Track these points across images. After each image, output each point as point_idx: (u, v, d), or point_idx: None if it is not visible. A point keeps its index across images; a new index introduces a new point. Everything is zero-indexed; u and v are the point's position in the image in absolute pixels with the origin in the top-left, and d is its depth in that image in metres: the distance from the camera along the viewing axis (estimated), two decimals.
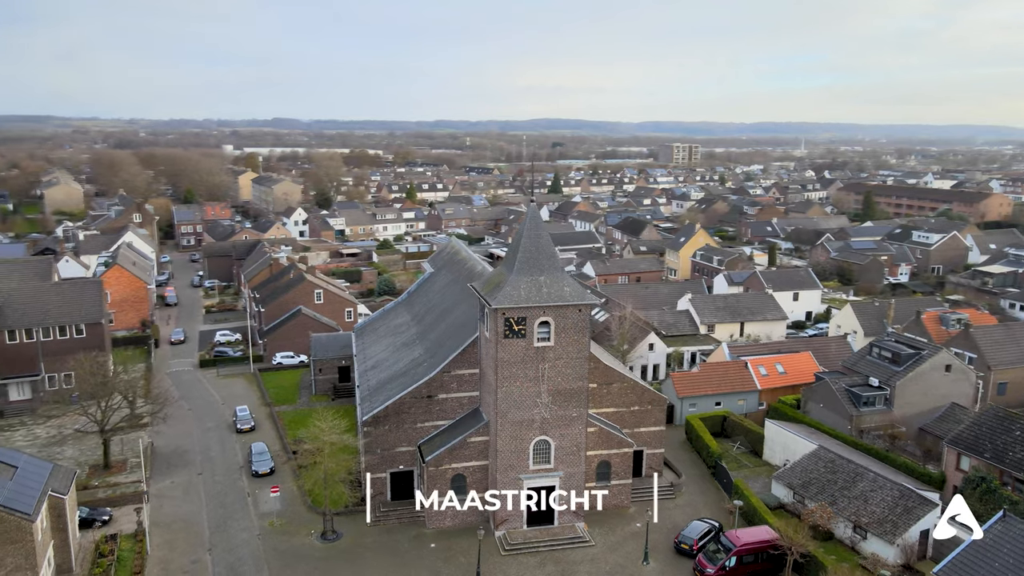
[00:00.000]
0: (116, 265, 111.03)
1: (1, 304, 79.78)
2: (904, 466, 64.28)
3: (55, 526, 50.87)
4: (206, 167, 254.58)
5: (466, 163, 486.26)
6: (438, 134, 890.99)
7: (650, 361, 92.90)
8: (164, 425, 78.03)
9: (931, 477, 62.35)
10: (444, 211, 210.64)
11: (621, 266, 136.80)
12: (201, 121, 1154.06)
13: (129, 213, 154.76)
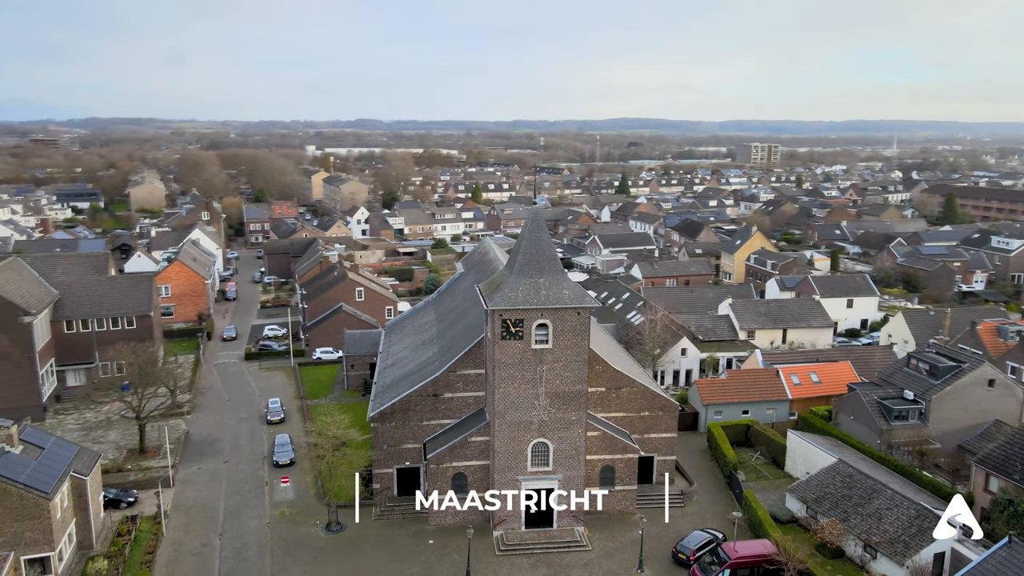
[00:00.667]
0: (177, 261, 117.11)
1: (62, 296, 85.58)
2: (930, 485, 61.23)
3: (77, 505, 54.46)
4: (279, 167, 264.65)
5: (538, 163, 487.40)
6: (514, 134, 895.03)
7: (682, 366, 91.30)
8: (202, 414, 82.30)
9: None
10: (503, 211, 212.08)
11: (670, 269, 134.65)
12: (289, 123, 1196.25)
13: (198, 211, 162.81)
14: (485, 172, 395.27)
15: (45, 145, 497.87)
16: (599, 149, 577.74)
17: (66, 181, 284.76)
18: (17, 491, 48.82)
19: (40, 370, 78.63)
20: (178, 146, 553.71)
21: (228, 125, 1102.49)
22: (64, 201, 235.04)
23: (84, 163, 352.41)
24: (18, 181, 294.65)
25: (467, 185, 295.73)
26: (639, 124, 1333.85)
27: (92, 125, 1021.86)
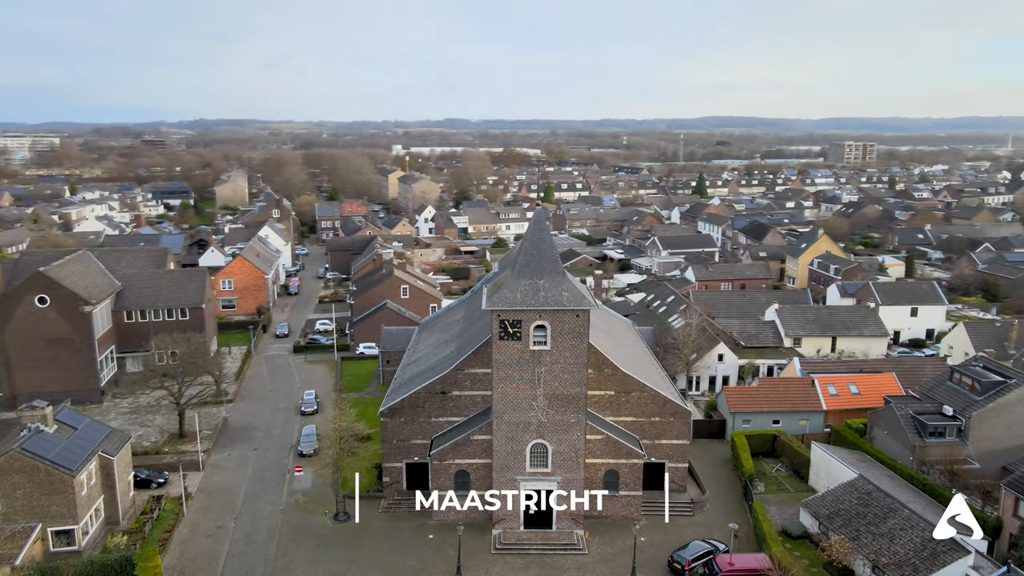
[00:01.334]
0: (240, 256, 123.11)
1: (123, 288, 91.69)
2: None
3: (104, 483, 58.53)
4: (355, 166, 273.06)
5: (618, 163, 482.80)
6: (599, 133, 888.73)
7: (719, 372, 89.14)
8: (243, 403, 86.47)
9: (984, 521, 55.53)
10: (569, 211, 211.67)
11: (725, 272, 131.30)
12: (380, 123, 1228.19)
13: (269, 208, 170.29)
14: (562, 172, 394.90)
15: (153, 146, 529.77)
16: (683, 148, 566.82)
17: (164, 179, 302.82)
18: (45, 467, 53.00)
19: (99, 356, 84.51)
20: (273, 146, 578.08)
21: (322, 126, 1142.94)
22: (158, 198, 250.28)
23: (182, 162, 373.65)
24: (123, 179, 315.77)
25: (540, 184, 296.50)
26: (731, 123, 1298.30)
27: (199, 126, 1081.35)
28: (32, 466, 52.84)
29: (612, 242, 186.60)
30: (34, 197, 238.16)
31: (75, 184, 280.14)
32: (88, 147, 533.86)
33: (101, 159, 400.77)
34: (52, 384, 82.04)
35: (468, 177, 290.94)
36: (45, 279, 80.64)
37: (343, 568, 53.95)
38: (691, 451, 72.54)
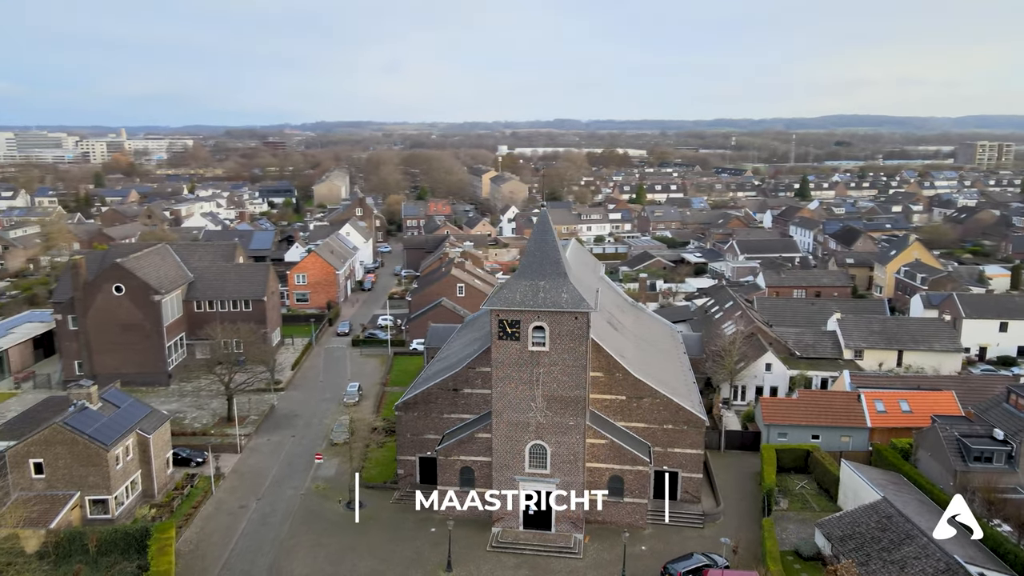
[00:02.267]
0: (313, 252, 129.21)
1: (195, 279, 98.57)
2: (990, 539, 53.24)
3: (141, 458, 63.48)
4: (447, 166, 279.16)
5: (724, 164, 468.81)
6: (710, 134, 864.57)
7: (766, 382, 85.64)
8: (294, 391, 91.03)
9: (1016, 557, 51.03)
10: (653, 213, 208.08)
11: (799, 279, 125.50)
12: (490, 123, 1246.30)
13: (353, 207, 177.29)
14: (661, 173, 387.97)
15: (273, 147, 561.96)
16: (794, 149, 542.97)
17: (274, 179, 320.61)
18: (83, 441, 58.17)
19: (167, 342, 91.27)
20: (384, 147, 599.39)
21: (434, 127, 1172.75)
22: (264, 196, 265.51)
23: (294, 162, 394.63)
24: (238, 178, 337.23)
25: (633, 186, 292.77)
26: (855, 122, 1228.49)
27: (320, 128, 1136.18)
28: (72, 439, 58.13)
29: (695, 245, 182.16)
30: (156, 195, 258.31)
31: (195, 183, 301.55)
32: (217, 148, 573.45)
33: (224, 160, 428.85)
34: (126, 366, 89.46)
35: (560, 178, 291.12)
36: (121, 270, 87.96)
37: (342, 553, 56.13)
38: (720, 462, 70.84)
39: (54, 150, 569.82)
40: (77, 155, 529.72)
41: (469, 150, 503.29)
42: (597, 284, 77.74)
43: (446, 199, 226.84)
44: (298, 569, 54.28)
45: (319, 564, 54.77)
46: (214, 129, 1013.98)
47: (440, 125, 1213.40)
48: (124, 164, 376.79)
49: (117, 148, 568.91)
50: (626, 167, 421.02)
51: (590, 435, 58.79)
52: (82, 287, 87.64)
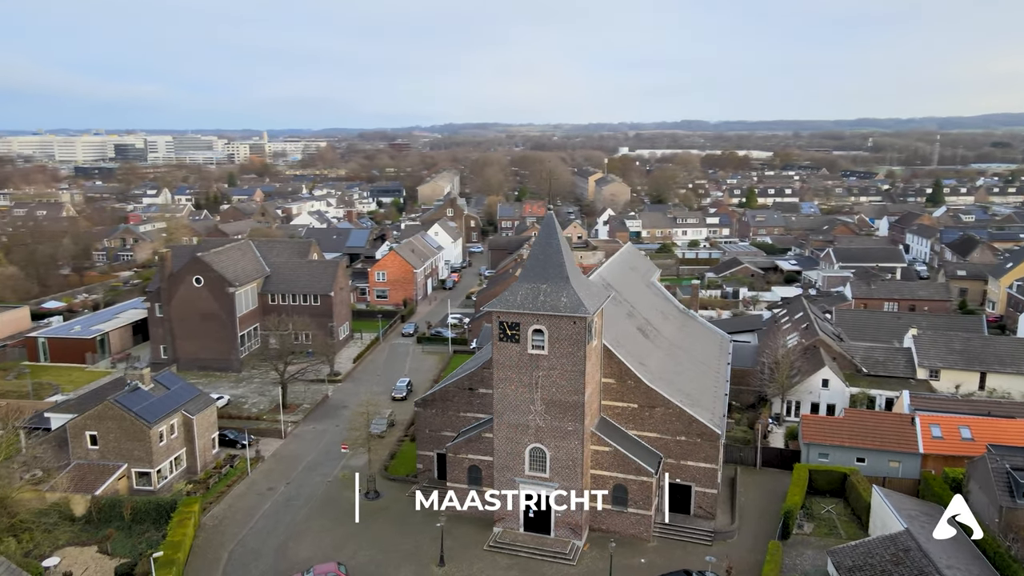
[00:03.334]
0: (392, 251, 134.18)
1: (271, 274, 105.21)
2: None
3: (186, 437, 68.87)
4: (550, 168, 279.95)
5: (860, 166, 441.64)
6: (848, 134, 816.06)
7: (822, 399, 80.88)
8: (351, 383, 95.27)
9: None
10: (754, 218, 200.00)
11: (891, 290, 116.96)
12: (616, 124, 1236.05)
13: (445, 207, 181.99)
14: (782, 176, 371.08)
15: (398, 149, 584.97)
16: (938, 150, 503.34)
17: (389, 179, 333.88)
18: (130, 417, 63.98)
19: (240, 332, 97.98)
20: (505, 148, 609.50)
21: (558, 128, 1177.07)
22: (374, 196, 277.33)
23: (411, 163, 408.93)
24: (357, 178, 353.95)
25: (743, 189, 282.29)
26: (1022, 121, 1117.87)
27: (447, 130, 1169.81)
28: (121, 415, 64.07)
29: (794, 252, 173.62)
30: (278, 194, 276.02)
31: (315, 183, 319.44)
32: (349, 150, 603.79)
33: (348, 161, 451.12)
34: (203, 352, 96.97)
35: (669, 180, 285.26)
36: (201, 263, 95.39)
37: (347, 540, 58.59)
38: (752, 479, 67.96)
39: (205, 152, 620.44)
40: (223, 157, 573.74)
41: (586, 151, 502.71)
42: (635, 288, 76.52)
43: (541, 201, 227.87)
44: (302, 552, 57.19)
45: (322, 549, 57.45)
46: (349, 132, 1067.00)
47: (565, 127, 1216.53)
48: (258, 165, 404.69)
49: (258, 150, 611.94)
50: (744, 170, 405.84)
51: (594, 442, 58.17)
52: (167, 278, 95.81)
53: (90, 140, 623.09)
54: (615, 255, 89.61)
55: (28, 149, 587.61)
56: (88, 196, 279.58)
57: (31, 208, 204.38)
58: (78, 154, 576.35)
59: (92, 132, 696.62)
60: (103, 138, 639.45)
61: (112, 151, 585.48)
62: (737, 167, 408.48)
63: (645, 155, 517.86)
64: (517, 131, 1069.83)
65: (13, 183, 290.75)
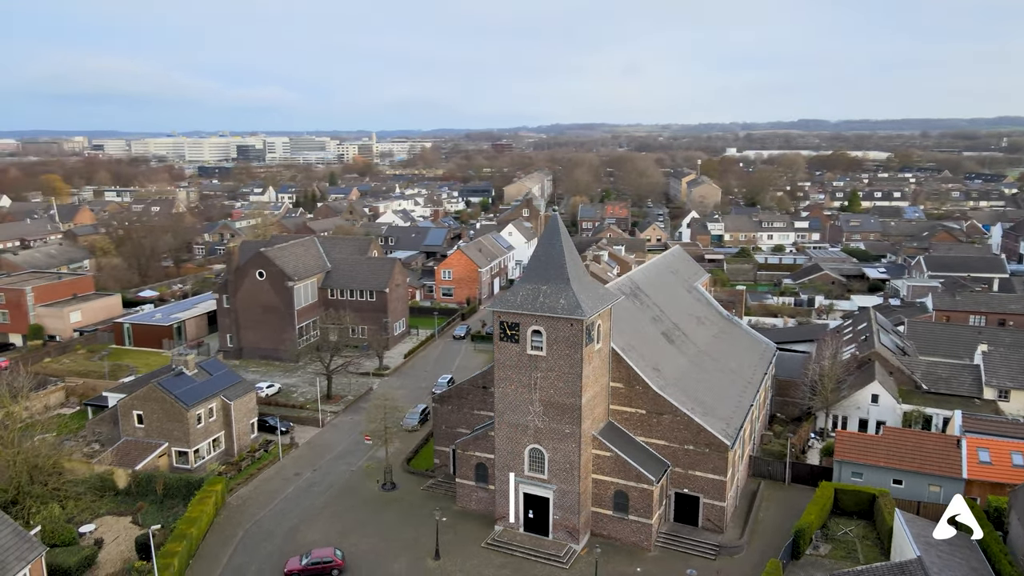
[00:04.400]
0: (459, 250, 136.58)
1: (332, 269, 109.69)
2: None
3: (224, 421, 73.15)
4: (640, 169, 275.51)
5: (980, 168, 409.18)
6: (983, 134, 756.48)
7: (871, 415, 76.19)
8: (397, 378, 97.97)
9: None
10: (848, 223, 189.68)
11: (978, 303, 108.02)
12: (727, 124, 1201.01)
13: (520, 208, 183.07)
14: (897, 178, 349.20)
15: (500, 149, 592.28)
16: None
17: (482, 179, 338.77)
18: (170, 400, 68.71)
19: (298, 324, 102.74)
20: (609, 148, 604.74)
21: (667, 128, 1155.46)
22: (463, 196, 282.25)
23: (509, 163, 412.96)
24: (451, 178, 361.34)
25: (846, 192, 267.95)
26: None
27: (553, 131, 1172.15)
28: (162, 397, 68.91)
29: (885, 261, 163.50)
30: (373, 192, 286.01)
31: (410, 182, 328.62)
32: (453, 150, 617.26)
33: (447, 161, 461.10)
34: (264, 342, 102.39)
35: (764, 182, 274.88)
36: (263, 258, 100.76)
37: (353, 528, 60.63)
38: (778, 495, 65.23)
39: (318, 152, 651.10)
40: (334, 157, 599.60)
41: (688, 152, 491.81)
42: (669, 292, 74.81)
43: (623, 202, 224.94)
44: (311, 535, 59.64)
45: (329, 534, 59.69)
46: (457, 132, 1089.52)
47: (673, 127, 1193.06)
48: (360, 164, 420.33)
49: (366, 151, 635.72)
50: (855, 171, 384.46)
51: (595, 446, 57.51)
52: (234, 271, 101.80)
53: (216, 142, 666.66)
54: (656, 258, 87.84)
55: (163, 150, 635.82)
56: (203, 194, 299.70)
57: (147, 204, 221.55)
58: (205, 154, 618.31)
59: (218, 134, 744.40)
60: (227, 139, 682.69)
61: (235, 152, 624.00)
62: (847, 168, 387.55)
63: (751, 156, 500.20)
64: (623, 131, 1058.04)
65: (138, 181, 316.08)
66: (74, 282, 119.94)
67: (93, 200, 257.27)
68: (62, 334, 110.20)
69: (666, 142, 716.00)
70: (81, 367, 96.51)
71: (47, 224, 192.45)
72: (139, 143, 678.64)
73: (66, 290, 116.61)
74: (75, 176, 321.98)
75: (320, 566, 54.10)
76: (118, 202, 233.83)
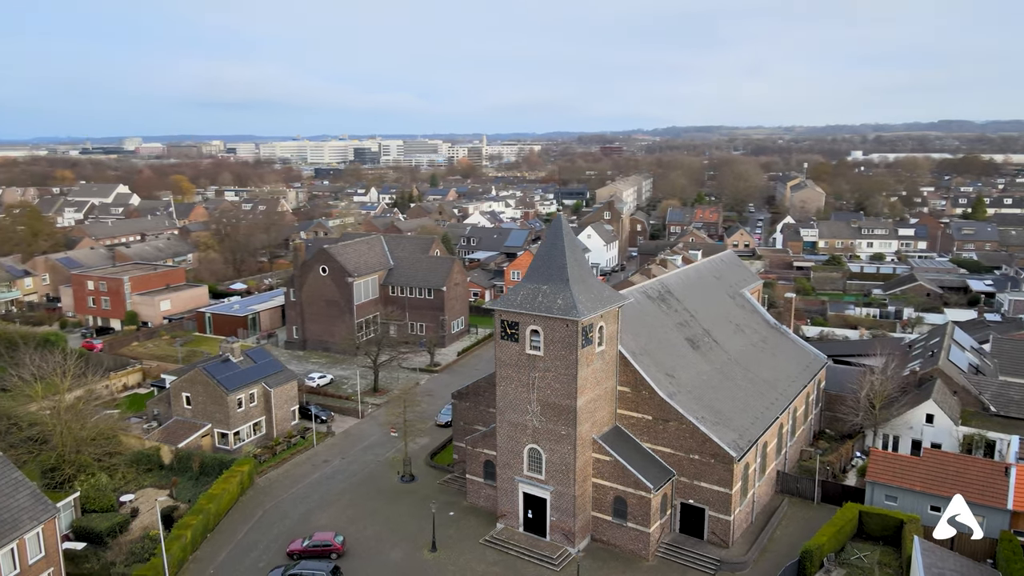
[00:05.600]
0: (527, 251, 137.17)
1: (394, 267, 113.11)
2: None
3: (264, 407, 77.19)
4: (739, 172, 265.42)
5: None
6: None
7: (925, 437, 70.59)
8: (447, 375, 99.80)
9: None
10: (960, 230, 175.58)
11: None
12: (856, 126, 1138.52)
13: (602, 211, 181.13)
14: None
15: (608, 152, 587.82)
16: None
17: (580, 182, 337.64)
18: (212, 383, 73.30)
19: (358, 319, 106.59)
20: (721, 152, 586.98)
21: (789, 131, 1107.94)
22: (558, 198, 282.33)
23: (613, 166, 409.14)
24: (551, 181, 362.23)
25: (970, 198, 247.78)
26: None
27: (669, 133, 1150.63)
28: (205, 381, 73.62)
29: (998, 273, 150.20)
30: (470, 194, 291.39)
31: (507, 184, 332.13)
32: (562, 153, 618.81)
33: (550, 163, 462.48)
34: (325, 335, 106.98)
35: (877, 187, 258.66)
36: (326, 254, 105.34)
37: (363, 514, 62.61)
38: (801, 513, 61.95)
39: (430, 155, 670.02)
40: (444, 160, 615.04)
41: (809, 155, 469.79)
42: (707, 297, 72.35)
43: (715, 206, 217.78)
44: (322, 520, 62.06)
45: (339, 519, 61.88)
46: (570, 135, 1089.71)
47: (797, 129, 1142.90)
48: (464, 167, 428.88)
49: (476, 153, 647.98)
50: (989, 175, 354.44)
51: (595, 449, 56.63)
52: (299, 267, 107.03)
53: (335, 144, 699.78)
54: (699, 262, 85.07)
55: (287, 153, 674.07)
56: (312, 194, 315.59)
57: (255, 203, 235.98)
58: (325, 157, 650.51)
59: (338, 138, 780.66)
60: (346, 143, 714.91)
61: (352, 154, 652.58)
62: (980, 173, 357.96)
63: (875, 159, 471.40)
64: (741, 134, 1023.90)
65: (253, 182, 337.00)
66: (167, 273, 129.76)
67: (212, 199, 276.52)
68: (153, 321, 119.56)
69: (785, 145, 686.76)
70: (161, 351, 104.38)
71: (165, 220, 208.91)
72: (267, 146, 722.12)
73: (160, 280, 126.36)
74: (202, 177, 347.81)
75: (319, 548, 56.30)
76: (232, 201, 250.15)
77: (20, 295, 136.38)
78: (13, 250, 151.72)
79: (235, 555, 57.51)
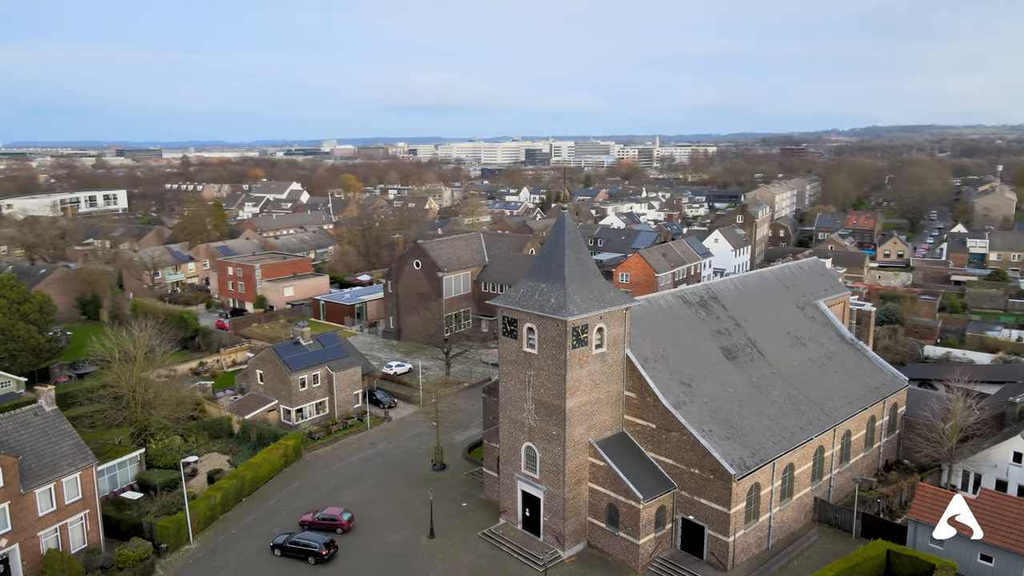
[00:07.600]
0: (637, 253, 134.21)
1: (488, 263, 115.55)
2: None
3: (327, 388, 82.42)
4: (915, 176, 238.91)
5: None
6: None
7: (1011, 477, 61.30)
8: None
9: None
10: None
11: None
12: None
13: (735, 214, 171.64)
14: None
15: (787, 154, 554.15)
16: None
17: (738, 184, 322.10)
18: (279, 363, 79.52)
19: (447, 312, 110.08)
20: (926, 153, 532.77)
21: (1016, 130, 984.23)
22: (710, 201, 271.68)
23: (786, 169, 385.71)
24: (711, 183, 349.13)
25: None
26: None
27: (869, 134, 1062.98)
28: (274, 360, 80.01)
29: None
30: (621, 195, 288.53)
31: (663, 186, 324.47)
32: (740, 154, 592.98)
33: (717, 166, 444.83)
34: (418, 326, 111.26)
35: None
36: (419, 249, 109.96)
37: (384, 495, 65.41)
38: (833, 546, 56.82)
39: (600, 156, 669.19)
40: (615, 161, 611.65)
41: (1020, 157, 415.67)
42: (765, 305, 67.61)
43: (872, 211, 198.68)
44: (343, 497, 65.51)
45: (360, 499, 65.01)
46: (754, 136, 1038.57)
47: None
48: (624, 168, 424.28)
49: (646, 154, 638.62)
50: None
51: (591, 453, 55.17)
52: (397, 260, 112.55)
53: (508, 146, 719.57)
54: (769, 268, 79.21)
55: (462, 153, 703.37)
56: (468, 193, 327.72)
57: (406, 200, 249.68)
58: (498, 157, 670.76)
59: (511, 139, 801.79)
60: (519, 143, 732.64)
61: (523, 155, 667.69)
62: None
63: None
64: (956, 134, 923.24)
65: (413, 180, 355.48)
66: (296, 263, 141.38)
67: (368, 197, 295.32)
68: (278, 305, 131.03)
69: (1005, 146, 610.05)
70: (275, 333, 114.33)
71: (323, 215, 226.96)
72: (444, 147, 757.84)
73: (288, 269, 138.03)
74: (371, 175, 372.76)
75: (326, 522, 59.61)
76: (384, 199, 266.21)
77: (184, 277, 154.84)
78: (192, 239, 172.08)
79: (259, 519, 62.38)
